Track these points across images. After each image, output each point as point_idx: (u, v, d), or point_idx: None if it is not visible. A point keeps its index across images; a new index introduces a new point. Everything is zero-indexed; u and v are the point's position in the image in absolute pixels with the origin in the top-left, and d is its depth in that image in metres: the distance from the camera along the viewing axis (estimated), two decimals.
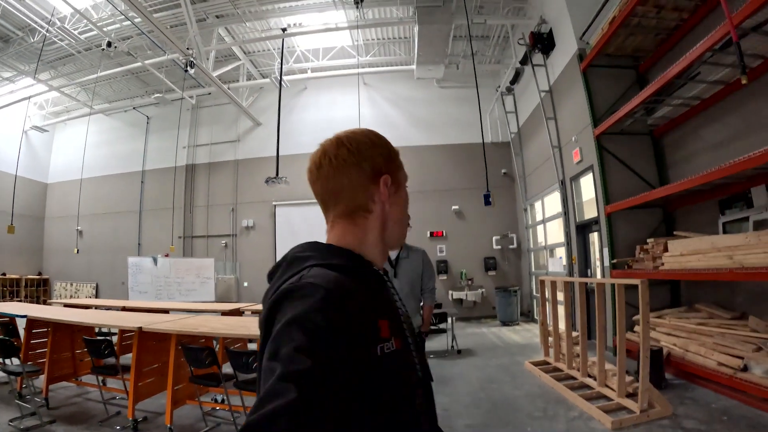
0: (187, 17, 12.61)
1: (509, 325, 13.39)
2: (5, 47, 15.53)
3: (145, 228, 19.55)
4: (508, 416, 5.70)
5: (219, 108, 19.08)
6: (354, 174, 1.22)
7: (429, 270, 4.63)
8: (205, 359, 5.20)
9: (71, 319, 6.86)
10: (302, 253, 1.17)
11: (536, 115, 12.66)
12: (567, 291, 7.74)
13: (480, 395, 6.66)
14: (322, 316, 0.93)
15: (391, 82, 17.07)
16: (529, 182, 14.46)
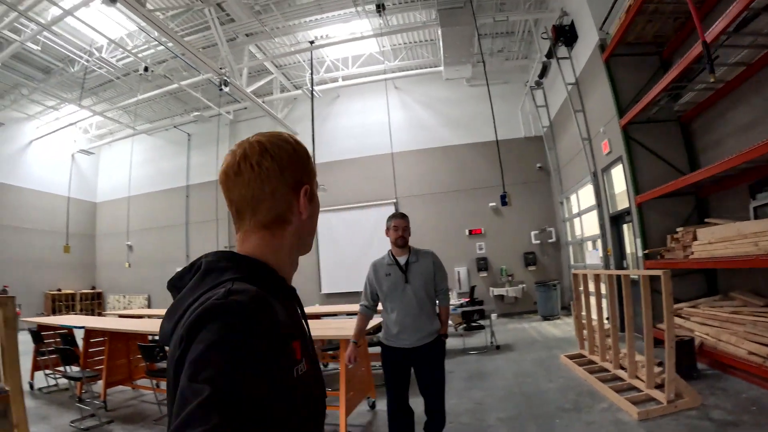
0: (217, 38, 13.00)
1: (550, 320, 13.32)
2: (47, 78, 16.37)
3: (192, 240, 20.18)
4: (539, 409, 5.76)
5: (256, 121, 19.49)
6: (276, 183, 1.16)
7: (441, 271, 4.49)
8: None
9: (126, 328, 7.46)
10: (218, 263, 1.09)
11: (565, 108, 12.56)
12: (598, 283, 7.71)
13: (514, 389, 6.74)
14: (249, 339, 0.89)
15: (421, 84, 17.18)
16: (564, 175, 14.37)
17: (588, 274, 7.94)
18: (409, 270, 4.39)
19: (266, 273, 1.13)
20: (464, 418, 5.68)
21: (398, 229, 4.41)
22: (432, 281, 4.41)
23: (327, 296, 17.12)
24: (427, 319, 4.29)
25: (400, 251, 4.43)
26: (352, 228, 16.93)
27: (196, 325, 0.90)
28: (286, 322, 1.05)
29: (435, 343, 4.29)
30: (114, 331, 7.56)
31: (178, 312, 1.01)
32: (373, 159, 17.38)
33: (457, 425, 5.44)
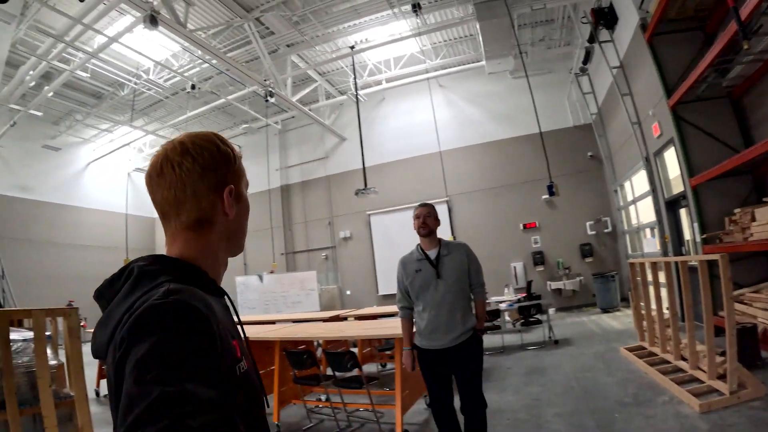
0: (259, 51, 13.31)
1: (609, 312, 12.99)
2: (99, 102, 17.12)
3: (249, 248, 20.36)
4: (598, 404, 5.62)
5: (304, 129, 19.86)
6: (198, 184, 1.14)
7: (475, 264, 4.20)
8: (305, 361, 5.62)
9: None
10: (150, 266, 1.07)
11: (612, 93, 12.22)
12: (656, 272, 7.49)
13: (572, 384, 6.61)
14: (193, 337, 0.89)
15: (464, 81, 17.00)
16: (616, 162, 13.97)
17: (645, 263, 7.72)
18: (440, 264, 4.10)
19: (198, 275, 1.13)
20: (521, 414, 5.60)
21: (419, 217, 4.17)
22: (466, 275, 4.13)
23: (384, 297, 17.17)
24: (462, 317, 4.02)
25: (429, 244, 4.17)
26: (406, 228, 16.48)
27: (137, 325, 0.89)
28: (224, 320, 1.06)
29: (470, 341, 4.02)
30: None
31: (113, 320, 0.99)
32: (422, 159, 17.35)
33: (515, 421, 5.38)
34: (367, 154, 14.70)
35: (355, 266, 18.25)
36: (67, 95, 16.51)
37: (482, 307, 4.26)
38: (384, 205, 17.40)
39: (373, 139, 17.64)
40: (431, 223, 4.15)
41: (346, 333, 6.55)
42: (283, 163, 20.50)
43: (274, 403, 6.08)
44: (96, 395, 8.46)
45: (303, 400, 6.24)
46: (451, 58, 16.38)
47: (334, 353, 5.43)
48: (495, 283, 15.04)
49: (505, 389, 6.72)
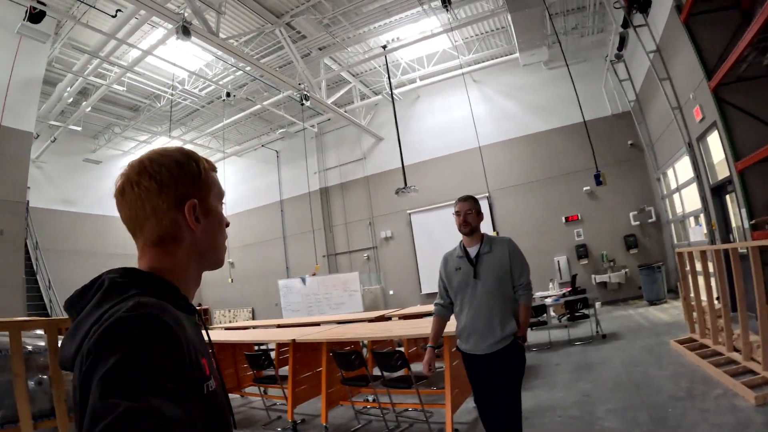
0: (292, 56, 13.46)
1: (656, 304, 12.68)
2: (137, 115, 17.73)
3: (290, 252, 20.97)
4: (650, 398, 5.50)
5: (341, 131, 20.02)
6: (156, 201, 1.12)
7: (519, 263, 3.78)
8: (353, 362, 5.63)
9: (232, 339, 7.94)
10: (122, 279, 1.05)
11: (650, 78, 11.90)
12: (705, 261, 7.31)
13: (623, 379, 6.49)
14: (161, 352, 0.88)
15: (499, 74, 16.85)
16: (657, 149, 13.62)
17: (694, 252, 7.53)
18: (479, 263, 3.78)
19: (169, 289, 1.10)
20: (573, 410, 5.52)
21: (459, 213, 3.86)
22: (508, 275, 3.74)
23: (427, 296, 17.16)
24: (500, 323, 3.65)
25: (470, 241, 3.86)
26: (448, 226, 16.40)
27: (105, 338, 0.88)
28: (193, 337, 1.04)
29: (510, 349, 3.64)
30: (221, 342, 7.95)
31: (81, 331, 0.97)
32: (461, 155, 17.24)
33: (566, 419, 5.31)
34: (405, 153, 14.67)
35: (398, 266, 18.32)
36: (105, 109, 17.07)
37: (525, 312, 3.79)
38: (424, 203, 17.45)
39: (410, 137, 17.64)
40: (473, 220, 3.84)
41: (393, 332, 6.49)
42: (321, 165, 20.67)
43: (322, 405, 6.08)
44: None
45: (351, 401, 6.23)
46: (483, 52, 16.25)
47: (383, 353, 5.44)
48: (539, 278, 14.82)
49: (554, 386, 6.65)
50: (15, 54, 11.25)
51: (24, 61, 11.56)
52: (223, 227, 1.27)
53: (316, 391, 6.53)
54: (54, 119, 15.54)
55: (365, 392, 6.67)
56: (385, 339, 6.97)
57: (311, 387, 6.69)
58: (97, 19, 11.76)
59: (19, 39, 11.08)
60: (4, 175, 11.65)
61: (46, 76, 13.03)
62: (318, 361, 6.59)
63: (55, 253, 16.28)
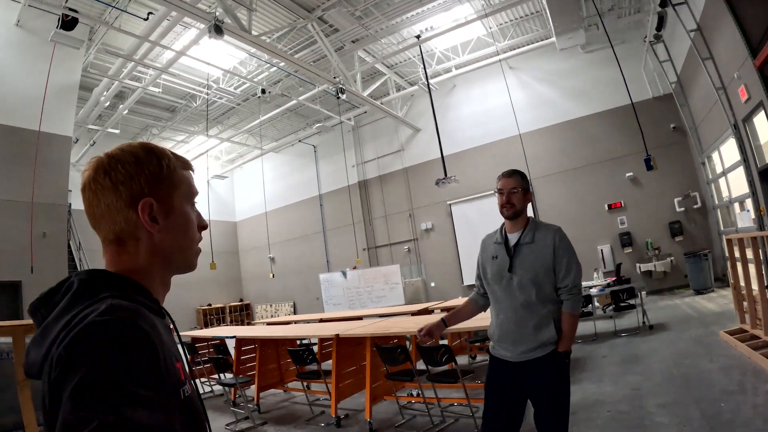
0: (325, 50, 13.49)
1: (703, 293, 12.32)
2: (173, 116, 18.19)
3: (330, 246, 21.21)
4: (702, 392, 5.32)
5: (378, 123, 20.06)
6: (111, 199, 1.06)
7: (565, 258, 3.10)
8: (398, 357, 5.59)
9: (275, 335, 8.03)
10: (92, 281, 1.01)
11: (692, 58, 11.49)
12: (756, 248, 7.06)
13: (672, 372, 6.28)
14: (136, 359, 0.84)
15: (535, 60, 16.50)
16: (701, 132, 13.13)
17: (744, 239, 7.29)
18: (517, 254, 3.15)
19: (140, 292, 1.06)
20: (622, 405, 5.38)
21: (503, 191, 3.21)
22: (550, 273, 3.08)
23: (469, 288, 16.91)
24: (535, 328, 3.02)
25: (513, 226, 3.24)
26: (489, 216, 16.31)
27: (75, 344, 0.84)
28: (168, 342, 1.01)
29: (546, 361, 2.98)
30: (264, 338, 8.07)
31: (49, 336, 0.92)
32: (500, 144, 17.06)
33: (615, 414, 5.16)
34: (443, 143, 14.52)
35: (439, 257, 18.27)
36: (142, 111, 17.51)
37: (570, 321, 3.07)
38: (464, 193, 17.35)
39: (448, 127, 17.48)
40: (518, 201, 3.20)
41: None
42: (360, 158, 20.76)
43: (366, 400, 6.07)
44: None
45: (395, 395, 6.19)
46: (519, 37, 15.95)
47: (428, 347, 5.34)
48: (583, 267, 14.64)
49: (602, 379, 6.50)
50: (50, 61, 11.50)
51: (59, 68, 11.80)
52: (191, 229, 1.20)
53: (360, 386, 6.51)
54: (92, 123, 15.90)
55: (410, 387, 6.62)
56: None
57: (355, 382, 6.66)
58: (129, 22, 11.99)
59: (53, 46, 11.28)
60: (45, 180, 11.90)
61: (82, 81, 13.38)
62: (361, 356, 6.58)
63: (98, 254, 16.57)
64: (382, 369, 6.09)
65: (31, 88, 11.47)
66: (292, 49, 14.35)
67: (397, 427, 5.89)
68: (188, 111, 17.85)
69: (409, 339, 7.55)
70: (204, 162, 21.58)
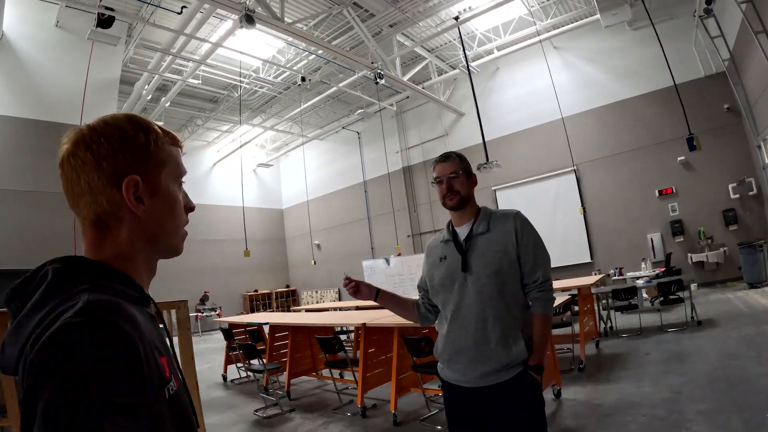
0: (363, 35, 13.38)
1: (757, 287, 11.59)
2: (216, 106, 18.67)
3: (375, 232, 21.48)
4: (747, 399, 4.92)
5: (420, 108, 19.97)
6: (92, 175, 0.96)
7: (530, 247, 2.44)
8: (423, 348, 5.44)
9: (306, 322, 8.03)
10: (67, 270, 0.92)
11: (744, 33, 10.76)
12: None
13: (717, 374, 5.87)
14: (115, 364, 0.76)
15: (580, 39, 15.89)
16: (757, 113, 12.28)
17: None
18: (471, 248, 2.49)
19: (122, 280, 0.96)
20: (660, 410, 5.04)
21: (441, 180, 2.60)
22: (514, 267, 2.42)
23: None
24: (500, 340, 2.34)
25: (460, 217, 2.59)
26: (534, 202, 16.46)
27: (48, 351, 0.75)
28: (151, 336, 0.91)
29: (516, 384, 2.33)
30: (295, 325, 8.09)
31: (23, 333, 0.85)
32: (544, 127, 16.60)
33: (650, 419, 4.85)
34: (486, 128, 14.16)
35: None
36: (185, 103, 17.97)
37: (542, 325, 2.43)
38: (509, 179, 17.08)
39: (491, 111, 17.24)
40: (461, 187, 2.56)
41: None
42: (403, 144, 20.73)
43: (391, 393, 5.96)
44: (223, 380, 9.41)
45: (422, 388, 6.06)
46: (562, 15, 15.29)
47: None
48: (631, 257, 14.20)
49: (642, 379, 6.17)
50: (89, 58, 11.67)
51: (99, 65, 11.96)
52: (178, 210, 1.11)
53: (388, 375, 6.38)
54: None
55: (437, 379, 6.43)
56: None
57: (384, 372, 6.59)
58: (165, 18, 12.32)
59: (91, 44, 11.51)
60: None
61: (123, 76, 13.65)
62: (390, 345, 6.43)
63: None
64: (409, 360, 5.95)
65: (72, 85, 11.63)
66: (329, 36, 14.31)
67: (422, 420, 5.75)
68: (230, 101, 18.10)
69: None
70: (249, 151, 22.18)
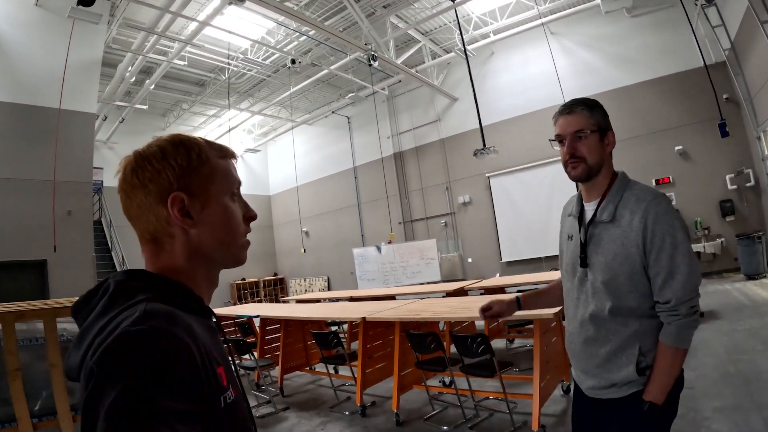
0: (356, 16, 13.09)
1: (755, 279, 11.53)
2: (203, 90, 18.30)
3: (365, 219, 21.20)
4: (764, 396, 4.74)
5: (413, 93, 19.67)
6: (141, 197, 1.01)
7: (664, 252, 1.82)
8: (429, 345, 5.21)
9: (299, 315, 7.71)
10: (129, 283, 0.96)
11: (748, 22, 10.55)
12: None
13: (728, 368, 5.70)
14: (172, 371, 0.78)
15: (579, 25, 15.61)
16: (757, 104, 12.10)
17: None
18: (593, 238, 2.01)
19: (180, 292, 1.00)
20: None
21: (563, 140, 2.10)
22: (637, 275, 1.88)
23: (508, 264, 16.79)
24: (608, 357, 1.94)
25: (589, 190, 2.10)
26: (529, 189, 16.39)
27: (107, 358, 0.78)
28: (208, 345, 0.93)
29: (629, 405, 1.90)
30: (287, 318, 7.79)
31: (86, 341, 0.89)
32: (541, 113, 16.14)
33: None
34: (481, 113, 13.87)
35: (476, 232, 17.90)
36: (171, 86, 17.64)
37: (668, 358, 1.85)
38: (504, 166, 16.85)
39: (486, 96, 16.89)
40: (588, 152, 2.03)
41: (475, 313, 5.74)
42: (395, 129, 20.42)
43: (393, 391, 5.70)
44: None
45: (425, 385, 5.79)
46: (560, 0, 15.02)
47: (462, 336, 4.92)
48: None
49: None
50: (69, 38, 11.32)
51: (80, 44, 11.65)
52: (231, 222, 1.10)
53: (389, 371, 6.13)
54: (120, 100, 16.21)
55: (442, 374, 6.16)
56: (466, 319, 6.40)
57: (384, 368, 6.32)
58: None
59: (72, 23, 11.09)
60: (69, 157, 11.88)
61: (106, 57, 13.33)
62: (391, 340, 6.19)
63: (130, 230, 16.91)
64: (412, 356, 5.69)
65: (52, 66, 11.37)
66: (322, 17, 13.99)
67: (426, 419, 5.52)
68: (217, 84, 17.75)
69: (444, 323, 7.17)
70: (237, 136, 21.86)
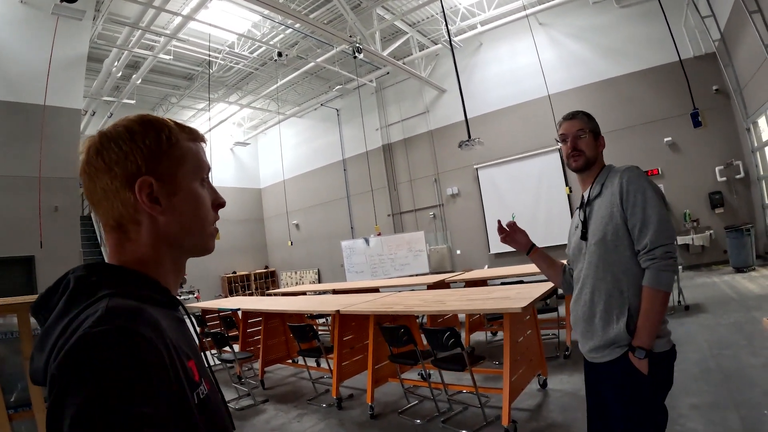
0: (341, 8, 13.12)
1: (743, 271, 11.44)
2: (190, 84, 18.38)
3: (354, 211, 21.28)
4: (743, 393, 4.64)
5: (401, 85, 19.65)
6: (106, 180, 0.95)
7: (638, 205, 2.17)
8: (401, 338, 5.19)
9: (277, 308, 7.79)
10: (89, 278, 0.91)
11: (738, 12, 10.44)
12: None
13: (710, 364, 5.60)
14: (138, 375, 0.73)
15: (567, 15, 15.51)
16: (747, 95, 12.00)
17: None
18: (590, 214, 2.37)
19: (146, 284, 0.96)
20: None
21: (566, 138, 2.47)
22: (621, 231, 2.20)
23: (496, 256, 16.75)
24: (602, 316, 2.21)
25: (585, 180, 2.48)
26: (517, 181, 16.37)
27: (69, 364, 0.72)
28: (177, 339, 0.90)
29: (620, 366, 2.15)
30: (268, 312, 7.80)
31: (48, 343, 0.84)
32: (528, 105, 16.28)
33: None
34: (469, 105, 13.67)
35: (465, 224, 17.91)
36: (159, 81, 17.68)
37: (650, 300, 2.11)
38: (492, 157, 16.85)
39: (474, 87, 16.96)
40: (586, 147, 2.42)
41: (447, 307, 5.67)
42: (383, 121, 20.39)
43: (367, 384, 5.67)
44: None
45: (400, 378, 5.75)
46: None
47: (433, 330, 4.87)
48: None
49: None
50: (53, 34, 11.26)
51: (64, 41, 11.65)
52: (202, 209, 1.06)
53: (365, 364, 6.10)
54: (108, 95, 16.16)
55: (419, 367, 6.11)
56: (439, 313, 6.30)
57: (360, 361, 6.33)
58: None
59: (56, 19, 11.07)
60: (55, 153, 11.91)
61: (92, 53, 13.38)
62: (366, 334, 6.13)
63: None
64: (387, 349, 5.64)
65: (36, 63, 11.40)
66: (306, 9, 13.90)
67: (401, 413, 5.48)
68: (205, 78, 17.69)
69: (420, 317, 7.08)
70: (226, 129, 22.01)
